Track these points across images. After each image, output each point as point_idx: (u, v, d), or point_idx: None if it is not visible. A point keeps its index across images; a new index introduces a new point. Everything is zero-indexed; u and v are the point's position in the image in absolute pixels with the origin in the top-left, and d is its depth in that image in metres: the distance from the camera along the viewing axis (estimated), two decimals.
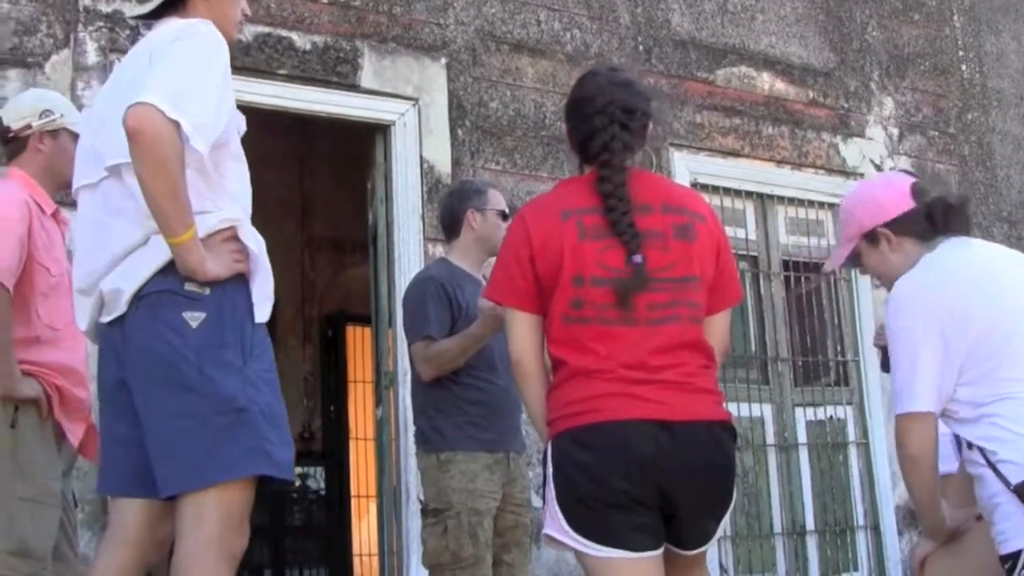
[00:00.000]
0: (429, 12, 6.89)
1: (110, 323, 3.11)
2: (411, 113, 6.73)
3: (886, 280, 3.53)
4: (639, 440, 2.93)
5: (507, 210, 4.91)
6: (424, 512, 4.70)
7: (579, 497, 2.96)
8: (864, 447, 8.07)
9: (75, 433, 4.13)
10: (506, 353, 4.63)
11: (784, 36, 8.32)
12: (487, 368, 4.68)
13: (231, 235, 3.10)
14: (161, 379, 2.96)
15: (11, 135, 4.24)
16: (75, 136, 4.24)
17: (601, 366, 3.00)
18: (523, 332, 3.18)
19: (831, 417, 8.03)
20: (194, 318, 2.99)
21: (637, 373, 2.99)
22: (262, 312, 3.14)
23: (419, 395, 4.84)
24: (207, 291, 3.02)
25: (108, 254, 3.10)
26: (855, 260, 3.67)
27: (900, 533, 7.91)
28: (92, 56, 5.85)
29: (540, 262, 3.08)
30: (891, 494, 7.97)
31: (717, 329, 3.21)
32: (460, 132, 6.85)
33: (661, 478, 2.94)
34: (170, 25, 3.15)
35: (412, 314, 4.80)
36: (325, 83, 6.48)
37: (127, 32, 5.93)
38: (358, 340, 11.11)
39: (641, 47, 7.62)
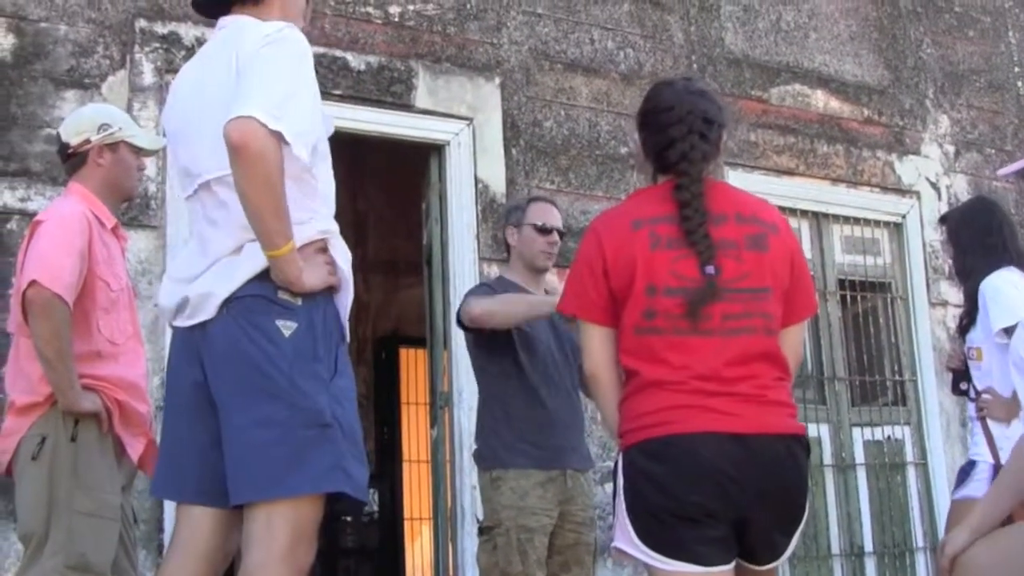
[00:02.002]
0: (483, 32, 6.90)
1: (191, 327, 3.07)
2: (465, 132, 6.74)
3: None
4: (712, 453, 2.89)
5: (547, 223, 4.88)
6: (480, 530, 4.68)
7: (650, 510, 2.92)
8: (922, 467, 7.98)
9: (135, 448, 4.13)
10: (563, 369, 4.65)
11: (838, 54, 8.28)
12: (542, 384, 4.65)
13: (323, 246, 3.09)
14: (249, 384, 2.92)
15: (71, 150, 4.26)
16: (134, 149, 4.27)
17: (674, 377, 2.96)
18: (597, 345, 3.14)
19: (888, 437, 7.95)
20: (287, 327, 2.95)
21: (711, 385, 2.94)
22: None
23: (479, 415, 4.84)
24: (299, 301, 2.99)
25: (203, 263, 3.09)
26: None
27: None
28: (148, 77, 5.89)
29: (613, 274, 3.05)
30: None
31: (791, 341, 3.17)
32: (514, 151, 6.85)
33: (734, 491, 2.89)
34: (250, 28, 3.10)
35: (471, 293, 4.86)
36: (379, 103, 6.49)
37: (183, 53, 5.97)
38: (411, 362, 11.11)
39: (695, 65, 7.60)
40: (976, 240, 4.92)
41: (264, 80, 2.91)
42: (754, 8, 8.00)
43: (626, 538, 2.98)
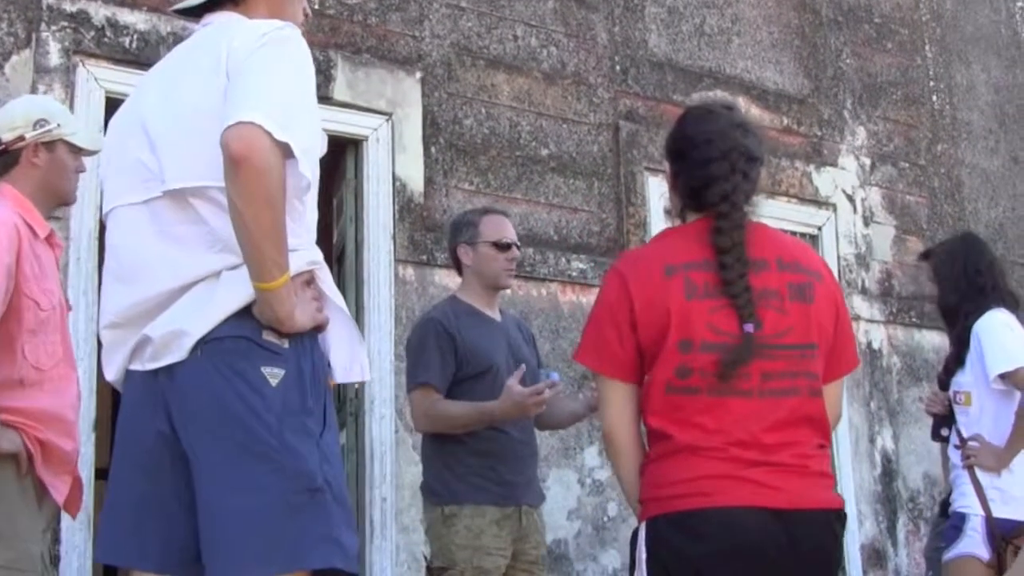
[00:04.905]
0: (405, 24, 6.62)
1: (153, 370, 2.65)
2: (384, 128, 6.45)
3: None
4: (751, 530, 2.65)
5: (505, 238, 4.57)
6: (428, 570, 4.38)
7: None
8: None
9: (59, 489, 3.68)
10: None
11: (760, 61, 8.14)
12: None
13: (309, 278, 2.70)
14: (230, 443, 2.53)
15: (1, 148, 3.77)
16: (73, 148, 3.85)
17: (709, 443, 2.70)
18: (619, 404, 2.85)
19: None
20: (273, 375, 2.56)
21: (750, 453, 2.69)
22: (351, 374, 2.80)
23: (425, 445, 4.51)
24: (286, 344, 2.60)
25: (160, 287, 2.66)
26: None
27: (865, 573, 7.74)
28: (55, 58, 5.50)
29: (643, 326, 2.76)
30: (856, 534, 7.79)
31: (832, 399, 2.90)
32: (433, 149, 6.58)
33: (769, 571, 2.67)
34: (242, 25, 2.71)
35: (412, 359, 4.49)
36: None
37: (92, 33, 5.60)
38: None
39: (618, 67, 7.39)
40: (963, 279, 4.73)
41: (265, 83, 2.53)
42: (678, 11, 7.81)
43: None
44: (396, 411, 6.16)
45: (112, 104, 5.63)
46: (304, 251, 2.68)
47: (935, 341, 8.47)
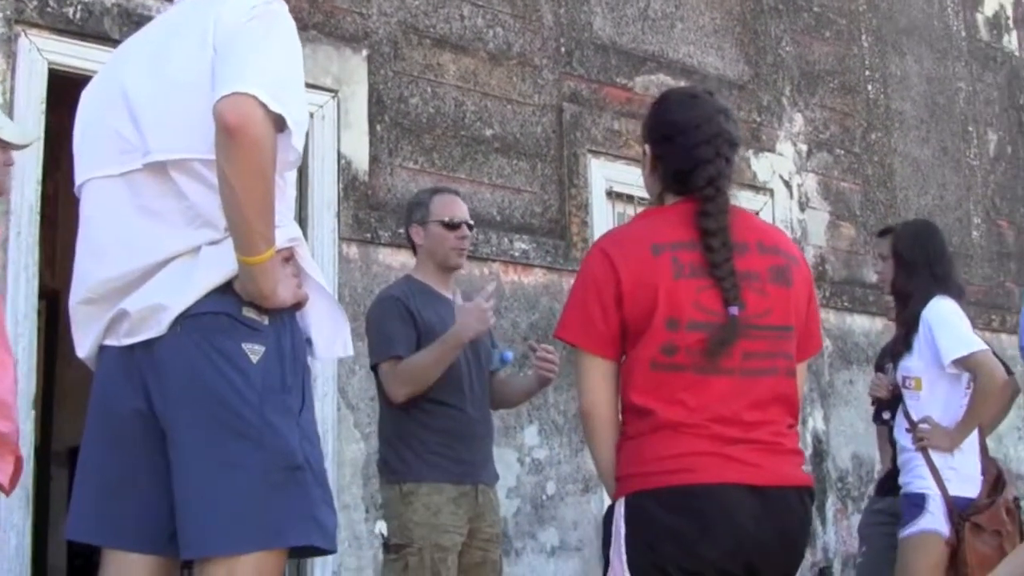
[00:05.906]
0: (352, 1, 6.58)
1: (130, 345, 2.63)
2: (330, 105, 6.42)
3: None
4: (733, 506, 2.70)
5: (455, 218, 4.56)
6: (385, 547, 4.38)
7: (659, 564, 2.70)
8: None
9: (4, 470, 3.61)
10: (476, 377, 4.38)
11: (702, 46, 8.20)
12: (455, 394, 4.34)
13: (289, 255, 2.69)
14: (211, 419, 2.52)
15: None
16: (4, 144, 3.78)
17: (691, 420, 2.74)
18: (599, 380, 2.87)
19: None
20: (253, 351, 2.56)
21: (730, 430, 2.73)
22: (334, 349, 2.81)
23: (383, 422, 4.50)
24: (266, 320, 2.60)
25: (137, 262, 2.63)
26: None
27: None
28: None
29: (630, 303, 2.78)
30: None
31: (800, 379, 2.96)
32: (379, 128, 6.56)
33: (748, 546, 2.71)
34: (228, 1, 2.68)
35: (375, 335, 4.45)
36: None
37: (34, 3, 5.52)
38: None
39: (563, 49, 7.42)
40: (926, 265, 4.79)
41: (258, 56, 2.52)
42: None
43: None
44: (338, 389, 6.15)
45: (55, 75, 5.56)
46: (285, 228, 2.68)
47: (865, 325, 8.63)
